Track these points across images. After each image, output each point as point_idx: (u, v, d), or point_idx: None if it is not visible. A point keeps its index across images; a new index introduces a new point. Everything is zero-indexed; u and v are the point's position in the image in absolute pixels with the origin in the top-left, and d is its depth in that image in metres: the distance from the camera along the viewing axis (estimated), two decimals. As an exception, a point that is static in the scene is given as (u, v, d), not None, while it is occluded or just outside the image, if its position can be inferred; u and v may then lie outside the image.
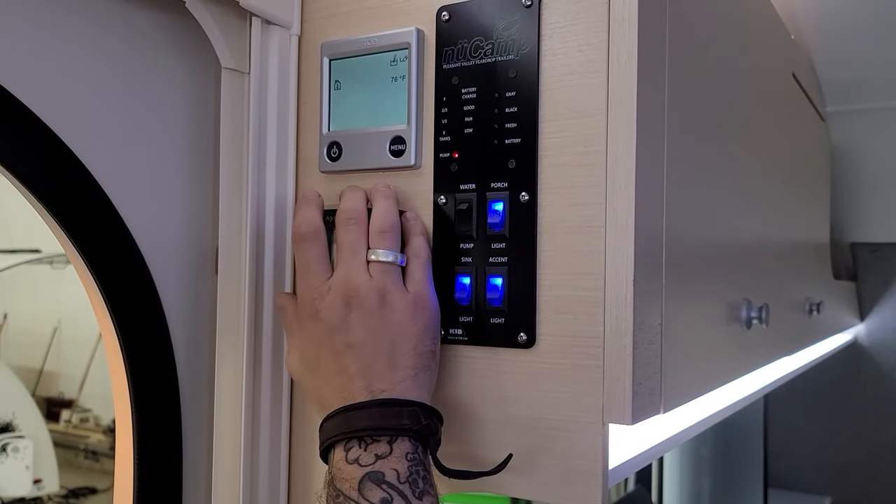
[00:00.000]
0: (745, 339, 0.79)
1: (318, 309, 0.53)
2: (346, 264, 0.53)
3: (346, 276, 0.53)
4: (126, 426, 0.59)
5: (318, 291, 0.53)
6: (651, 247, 0.53)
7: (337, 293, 0.52)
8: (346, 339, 0.52)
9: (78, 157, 0.54)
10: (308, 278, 0.54)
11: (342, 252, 0.54)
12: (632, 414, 0.50)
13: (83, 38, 0.55)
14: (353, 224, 0.54)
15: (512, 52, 0.54)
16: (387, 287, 0.53)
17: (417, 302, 0.53)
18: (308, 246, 0.54)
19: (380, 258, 0.53)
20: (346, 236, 0.54)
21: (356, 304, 0.52)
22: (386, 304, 0.52)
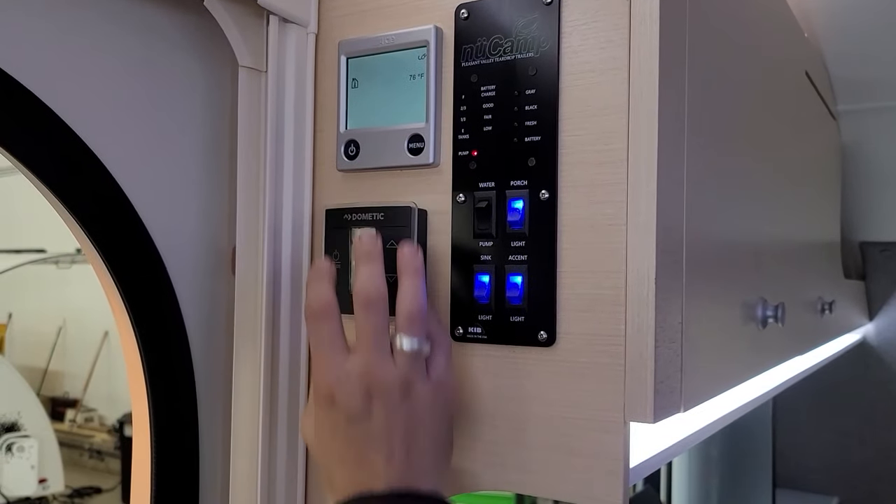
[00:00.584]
0: (761, 338, 0.79)
1: (334, 395, 0.50)
2: (368, 352, 0.50)
3: (368, 365, 0.50)
4: (143, 425, 0.59)
5: (336, 376, 0.50)
6: (672, 245, 0.53)
7: (358, 383, 0.50)
8: (365, 429, 0.49)
9: (97, 156, 0.54)
10: (323, 358, 0.51)
11: (363, 338, 0.50)
12: (654, 412, 0.50)
13: (101, 37, 0.55)
14: (374, 305, 0.50)
15: (532, 50, 0.54)
16: (412, 378, 0.50)
17: (440, 391, 0.52)
18: (321, 324, 0.51)
19: (405, 347, 0.50)
20: (366, 322, 0.50)
21: (378, 395, 0.49)
22: (410, 395, 0.50)
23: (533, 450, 0.53)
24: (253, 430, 0.60)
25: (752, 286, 0.77)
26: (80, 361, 4.13)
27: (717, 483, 1.93)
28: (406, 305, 0.51)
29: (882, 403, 1.95)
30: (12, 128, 0.49)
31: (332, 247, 0.60)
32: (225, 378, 0.63)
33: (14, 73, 0.49)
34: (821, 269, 1.25)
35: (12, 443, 3.01)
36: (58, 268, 4.06)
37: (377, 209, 0.58)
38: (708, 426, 0.74)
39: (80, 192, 0.53)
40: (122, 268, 0.56)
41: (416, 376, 0.51)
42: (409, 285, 0.52)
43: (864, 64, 1.41)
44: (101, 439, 3.88)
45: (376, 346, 0.50)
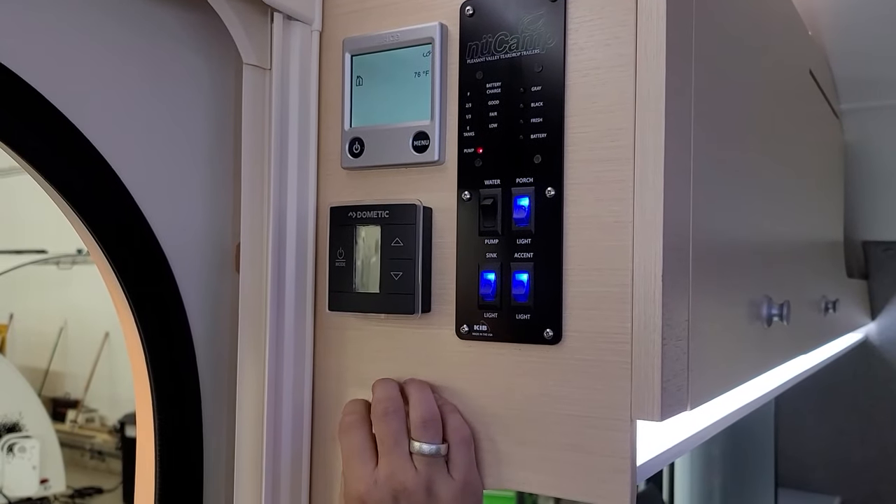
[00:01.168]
0: (766, 336, 0.79)
1: (366, 502, 0.53)
2: (390, 457, 0.53)
3: (392, 471, 0.53)
4: (147, 423, 0.59)
5: (365, 484, 0.53)
6: (678, 242, 0.53)
7: (385, 489, 0.53)
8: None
9: (100, 153, 0.54)
10: (353, 468, 0.54)
11: (385, 445, 0.54)
12: (661, 410, 0.49)
13: (105, 35, 0.55)
14: (391, 414, 0.54)
15: (537, 47, 0.54)
16: (433, 479, 0.53)
17: (465, 489, 0.54)
18: (352, 435, 0.55)
19: (424, 451, 0.53)
20: (386, 428, 0.54)
21: (404, 499, 0.52)
22: (433, 496, 0.53)
23: (539, 448, 0.53)
24: (257, 429, 0.60)
25: (758, 284, 0.77)
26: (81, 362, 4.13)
27: (720, 482, 1.93)
28: (419, 411, 0.54)
29: (884, 403, 1.95)
30: (17, 125, 0.49)
31: (336, 245, 0.60)
32: (229, 376, 0.63)
33: (18, 70, 0.49)
34: (824, 268, 1.25)
35: (14, 443, 3.01)
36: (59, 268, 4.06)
37: (382, 207, 0.58)
38: (713, 425, 0.74)
39: (84, 189, 0.53)
40: (125, 266, 0.56)
41: (438, 478, 0.53)
42: (417, 394, 0.56)
43: (867, 62, 1.40)
44: (102, 440, 3.88)
45: (397, 451, 0.54)
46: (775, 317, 0.77)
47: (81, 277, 3.97)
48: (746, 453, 1.90)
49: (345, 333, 0.62)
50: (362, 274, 0.59)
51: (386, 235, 0.58)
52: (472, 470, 0.55)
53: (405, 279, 0.57)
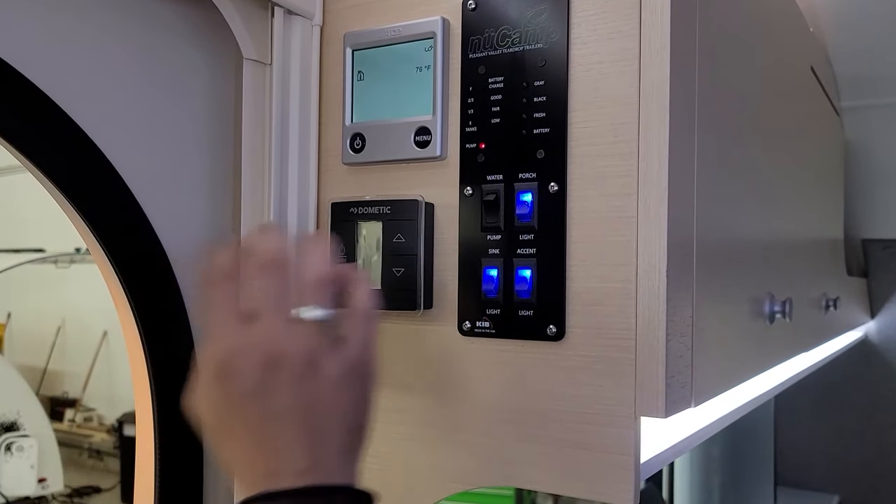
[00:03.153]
0: (768, 333, 0.78)
1: (233, 366, 0.43)
2: (268, 319, 0.44)
3: (269, 333, 0.44)
4: (147, 422, 0.59)
5: (234, 343, 0.44)
6: (682, 238, 0.52)
7: (255, 354, 0.43)
8: (266, 409, 0.43)
9: (100, 149, 0.53)
10: (219, 325, 0.45)
11: (263, 303, 0.44)
12: (665, 407, 0.49)
13: (106, 30, 0.54)
14: (275, 269, 0.45)
15: (540, 41, 0.54)
16: (318, 350, 0.44)
17: (354, 369, 0.45)
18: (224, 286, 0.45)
19: (310, 315, 0.45)
20: (267, 284, 0.45)
21: (279, 369, 0.43)
22: (316, 370, 0.44)
23: (542, 445, 0.53)
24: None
25: (760, 281, 0.77)
26: (79, 361, 4.12)
27: (719, 481, 1.93)
28: (310, 271, 0.46)
29: (883, 401, 1.95)
30: (17, 121, 0.49)
31: (337, 241, 0.59)
32: (229, 374, 0.62)
33: (19, 65, 0.48)
34: (825, 266, 1.24)
35: (12, 442, 3.00)
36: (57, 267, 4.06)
37: (383, 202, 0.58)
38: (716, 422, 0.74)
39: (84, 186, 0.53)
40: (125, 263, 0.56)
41: (324, 350, 0.45)
42: (311, 251, 0.47)
43: (868, 60, 1.40)
44: (100, 439, 3.88)
45: (277, 313, 0.44)
46: (778, 314, 0.77)
47: (79, 276, 3.97)
48: (746, 452, 1.90)
49: (346, 330, 0.61)
50: (363, 270, 0.58)
51: (387, 231, 0.57)
52: (367, 349, 0.46)
53: (407, 275, 0.56)
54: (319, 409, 0.44)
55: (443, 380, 0.57)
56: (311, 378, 0.44)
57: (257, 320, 0.44)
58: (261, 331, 0.44)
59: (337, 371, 0.45)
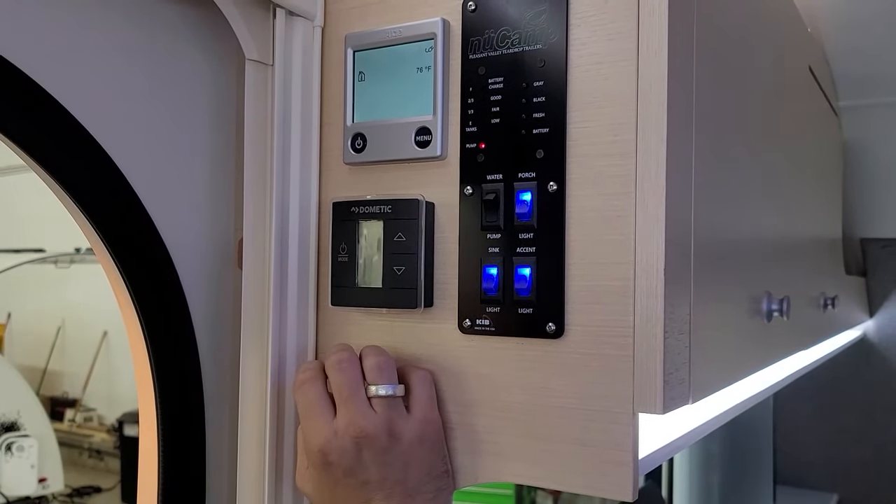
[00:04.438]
0: (766, 332, 0.79)
1: (327, 455, 0.53)
2: (348, 405, 0.53)
3: (351, 418, 0.53)
4: (150, 420, 0.59)
5: (325, 435, 0.53)
6: (680, 236, 0.53)
7: (346, 438, 0.52)
8: (362, 479, 0.53)
9: (105, 150, 0.54)
10: (310, 420, 0.54)
11: (341, 394, 0.54)
12: (663, 404, 0.50)
13: (108, 30, 0.55)
14: (346, 364, 0.55)
15: (540, 42, 0.54)
16: (393, 420, 0.53)
17: (425, 427, 0.54)
18: (307, 388, 0.55)
19: (380, 393, 0.54)
20: (342, 377, 0.54)
21: (366, 444, 0.52)
22: (395, 437, 0.53)
23: (542, 441, 0.54)
24: (260, 425, 0.60)
25: (757, 280, 0.77)
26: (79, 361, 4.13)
27: (718, 480, 1.93)
28: (372, 360, 0.55)
29: (882, 400, 1.95)
30: (21, 120, 0.49)
31: (339, 240, 0.60)
32: (232, 372, 0.63)
33: (22, 65, 0.49)
34: (823, 265, 1.25)
35: (12, 442, 3.01)
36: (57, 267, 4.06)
37: (384, 202, 0.58)
38: (714, 419, 0.74)
39: (87, 185, 0.53)
40: (128, 261, 0.56)
41: (398, 418, 0.54)
42: (370, 348, 0.57)
43: (866, 60, 1.41)
44: (100, 439, 3.88)
45: (354, 398, 0.53)
46: (775, 312, 0.77)
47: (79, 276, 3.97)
48: (745, 451, 1.91)
49: (347, 328, 0.62)
50: (365, 269, 0.59)
51: (388, 230, 0.58)
52: (432, 407, 0.55)
53: (407, 274, 0.57)
54: (406, 467, 0.53)
55: (443, 377, 0.57)
56: (394, 445, 0.53)
57: (339, 409, 0.53)
58: (345, 417, 0.53)
59: (413, 432, 0.54)
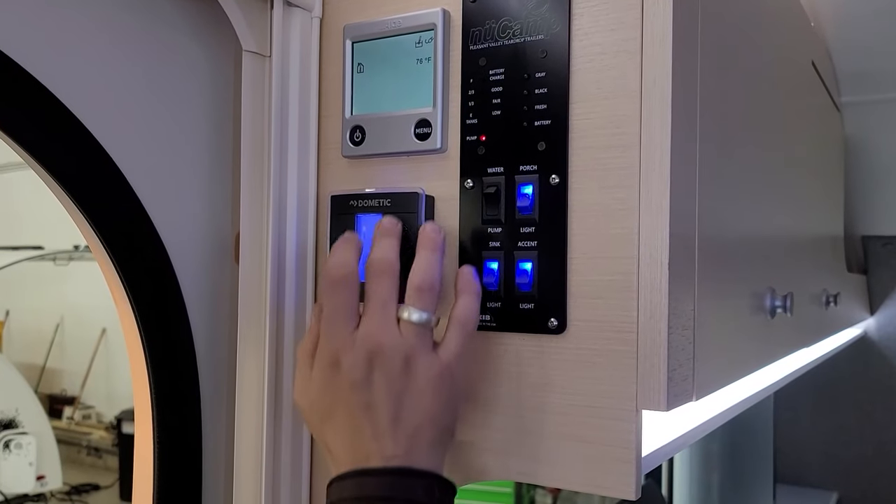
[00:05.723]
0: (769, 328, 0.78)
1: (339, 360, 0.50)
2: (374, 318, 0.50)
3: (373, 331, 0.49)
4: (146, 416, 0.58)
5: (343, 342, 0.50)
6: (684, 230, 0.52)
7: (362, 348, 0.49)
8: (365, 399, 0.49)
9: (100, 143, 0.53)
10: (334, 325, 0.51)
11: (371, 304, 0.50)
12: (667, 400, 0.49)
13: (104, 22, 0.54)
14: (385, 276, 0.51)
15: (542, 32, 0.53)
16: (415, 350, 0.49)
17: (444, 373, 0.50)
18: (339, 290, 0.51)
19: (412, 318, 0.50)
20: (376, 288, 0.50)
21: (379, 363, 0.49)
22: (411, 369, 0.49)
23: (543, 438, 0.53)
24: (257, 420, 0.59)
25: (761, 276, 0.77)
26: (77, 358, 4.12)
27: (718, 478, 1.93)
28: (418, 276, 0.51)
29: (882, 399, 1.95)
30: (16, 113, 0.48)
31: (337, 233, 0.59)
32: (229, 367, 0.62)
33: (16, 57, 0.48)
34: (825, 262, 1.24)
35: (10, 440, 3.00)
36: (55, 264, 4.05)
37: (384, 195, 0.57)
38: (716, 417, 0.74)
39: (83, 180, 0.52)
40: (124, 255, 0.55)
41: (421, 350, 0.50)
42: (424, 258, 0.52)
43: (868, 55, 1.40)
44: (99, 436, 3.87)
45: (382, 314, 0.50)
46: (779, 308, 0.76)
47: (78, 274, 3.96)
48: (745, 449, 1.90)
49: (346, 324, 0.61)
50: (363, 263, 0.58)
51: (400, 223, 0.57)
52: (460, 357, 0.51)
53: (407, 268, 0.56)
54: (412, 403, 0.49)
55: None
56: (406, 375, 0.49)
57: (364, 319, 0.50)
58: (365, 329, 0.50)
59: (429, 372, 0.50)
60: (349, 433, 0.50)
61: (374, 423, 0.49)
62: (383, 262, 0.51)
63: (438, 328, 0.52)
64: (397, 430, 0.49)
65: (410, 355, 0.49)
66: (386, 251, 0.52)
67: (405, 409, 0.49)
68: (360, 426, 0.49)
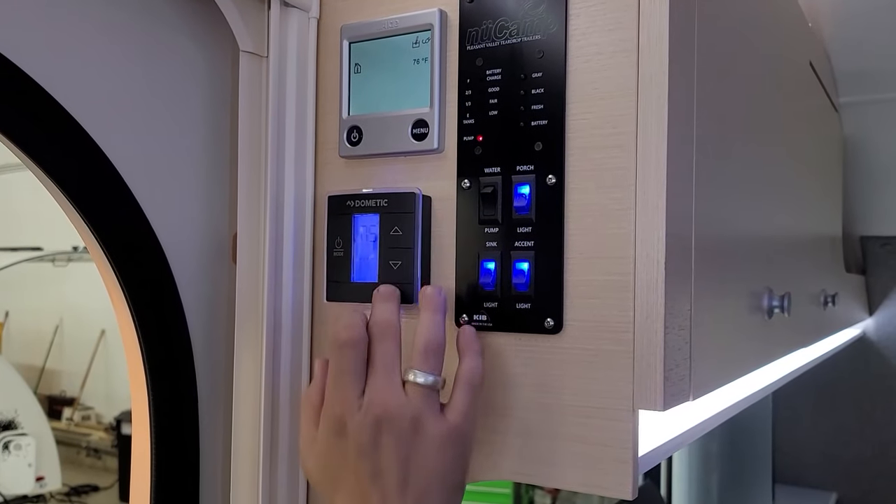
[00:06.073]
0: (767, 328, 0.78)
1: (345, 424, 0.49)
2: (380, 382, 0.49)
3: (379, 395, 0.49)
4: (143, 417, 0.58)
5: (350, 406, 0.49)
6: (681, 230, 0.52)
7: (368, 414, 0.49)
8: (373, 466, 0.48)
9: (97, 144, 0.53)
10: (340, 388, 0.50)
11: (376, 367, 0.50)
12: (663, 400, 0.49)
13: (101, 22, 0.54)
14: (388, 339, 0.51)
15: (539, 32, 0.53)
16: (423, 413, 0.49)
17: (452, 434, 0.50)
18: (346, 352, 0.50)
19: (419, 381, 0.49)
20: (381, 351, 0.50)
21: (387, 428, 0.48)
22: (418, 431, 0.49)
23: (540, 439, 0.53)
24: (254, 421, 0.59)
25: (758, 276, 0.77)
26: (77, 360, 4.13)
27: (717, 478, 1.93)
28: (423, 338, 0.51)
29: (881, 399, 1.95)
30: (13, 113, 0.48)
31: (334, 234, 0.59)
32: (226, 368, 0.62)
33: (13, 57, 0.48)
34: (823, 262, 1.24)
35: (9, 441, 3.00)
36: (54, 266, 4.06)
37: (381, 195, 0.57)
38: (714, 417, 0.74)
39: (80, 180, 0.52)
40: (121, 256, 0.55)
41: (428, 413, 0.49)
42: (428, 319, 0.52)
43: (866, 56, 1.40)
44: (98, 437, 3.88)
45: (388, 378, 0.49)
46: (776, 308, 0.76)
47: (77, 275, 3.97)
48: (744, 449, 1.90)
49: (343, 324, 0.61)
50: (360, 264, 0.58)
51: (384, 224, 0.57)
52: (468, 417, 0.51)
53: (404, 268, 0.56)
54: (420, 467, 0.49)
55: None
56: (415, 438, 0.49)
57: (369, 382, 0.50)
58: (372, 393, 0.49)
59: (438, 435, 0.49)
60: (356, 499, 0.49)
61: (382, 490, 0.48)
62: (386, 325, 0.51)
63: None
64: (406, 497, 0.48)
65: (418, 418, 0.49)
66: (387, 313, 0.52)
67: (413, 473, 0.49)
68: (367, 494, 0.49)
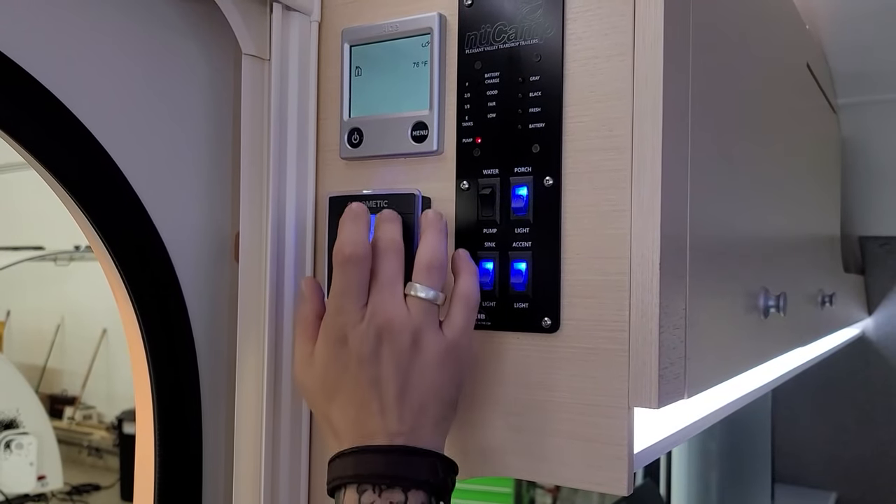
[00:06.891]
0: (763, 327, 0.79)
1: (347, 335, 0.50)
2: (383, 295, 0.51)
3: (382, 307, 0.50)
4: (147, 415, 0.59)
5: (352, 318, 0.50)
6: (676, 231, 0.53)
7: (371, 324, 0.50)
8: (373, 373, 0.50)
9: (102, 144, 0.54)
10: (343, 302, 0.51)
11: (380, 281, 0.51)
12: (658, 398, 0.50)
13: (105, 24, 0.55)
14: (391, 254, 0.52)
15: (536, 36, 0.54)
16: (422, 327, 0.50)
17: (451, 350, 0.51)
18: (350, 268, 0.51)
19: (419, 294, 0.51)
20: (384, 266, 0.51)
21: (388, 339, 0.50)
22: (418, 345, 0.50)
23: (537, 435, 0.54)
24: (257, 419, 0.60)
25: (755, 276, 0.78)
26: (78, 359, 4.13)
27: (717, 477, 1.93)
28: (425, 255, 0.52)
29: (881, 398, 1.95)
30: (18, 114, 0.49)
31: (335, 234, 0.60)
32: (229, 366, 0.63)
33: (20, 61, 0.49)
34: (821, 262, 1.25)
35: (11, 440, 3.01)
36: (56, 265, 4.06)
37: (381, 196, 0.58)
38: (710, 415, 0.74)
39: (85, 180, 0.53)
40: (125, 255, 0.56)
41: (428, 327, 0.51)
42: (430, 237, 0.53)
43: (864, 57, 1.41)
44: (99, 436, 3.89)
45: (390, 290, 0.51)
46: (772, 308, 0.77)
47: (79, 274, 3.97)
48: (743, 449, 1.91)
49: (344, 323, 0.62)
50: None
51: None
52: (465, 334, 0.52)
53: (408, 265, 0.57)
54: (418, 379, 0.50)
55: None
56: (414, 350, 0.50)
57: (371, 296, 0.51)
58: (375, 305, 0.50)
59: (436, 349, 0.50)
60: (355, 409, 0.50)
61: (380, 398, 0.49)
62: (390, 241, 0.52)
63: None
64: (403, 407, 0.49)
65: (418, 331, 0.50)
66: (391, 232, 0.53)
67: (411, 384, 0.50)
68: (366, 401, 0.50)
